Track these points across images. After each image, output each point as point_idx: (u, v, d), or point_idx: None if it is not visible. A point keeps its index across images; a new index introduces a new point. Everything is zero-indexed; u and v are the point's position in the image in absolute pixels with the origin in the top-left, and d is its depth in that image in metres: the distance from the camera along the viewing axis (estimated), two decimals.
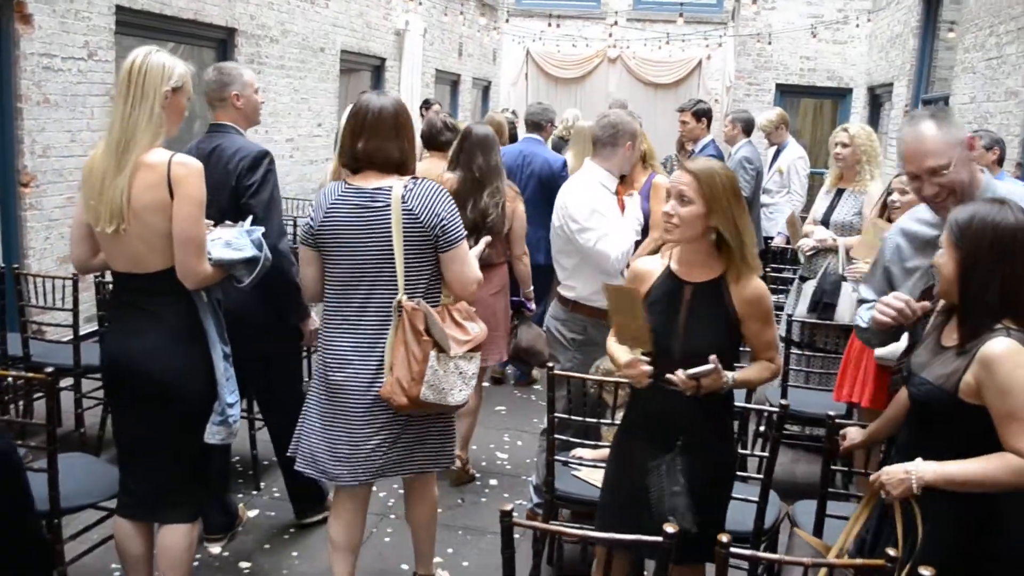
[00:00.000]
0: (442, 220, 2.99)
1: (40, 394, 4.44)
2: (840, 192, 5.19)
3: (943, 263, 2.33)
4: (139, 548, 3.05)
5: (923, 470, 2.24)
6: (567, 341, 4.09)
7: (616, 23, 15.42)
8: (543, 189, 5.74)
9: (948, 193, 2.57)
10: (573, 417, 3.46)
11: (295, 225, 6.75)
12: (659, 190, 4.39)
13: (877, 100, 11.92)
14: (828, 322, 4.93)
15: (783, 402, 3.18)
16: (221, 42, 7.68)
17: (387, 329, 3.02)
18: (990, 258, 2.23)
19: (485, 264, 3.72)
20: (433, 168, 4.75)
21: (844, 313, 4.89)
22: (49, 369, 3.02)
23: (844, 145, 5.10)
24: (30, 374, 3.20)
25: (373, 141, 3.00)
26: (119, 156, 2.72)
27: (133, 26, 6.45)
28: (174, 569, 3.01)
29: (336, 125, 9.78)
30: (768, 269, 6.86)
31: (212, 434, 2.97)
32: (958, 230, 2.28)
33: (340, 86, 9.97)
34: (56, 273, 5.63)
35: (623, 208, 4.04)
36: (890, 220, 4.17)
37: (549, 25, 15.70)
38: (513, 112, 10.27)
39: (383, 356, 3.01)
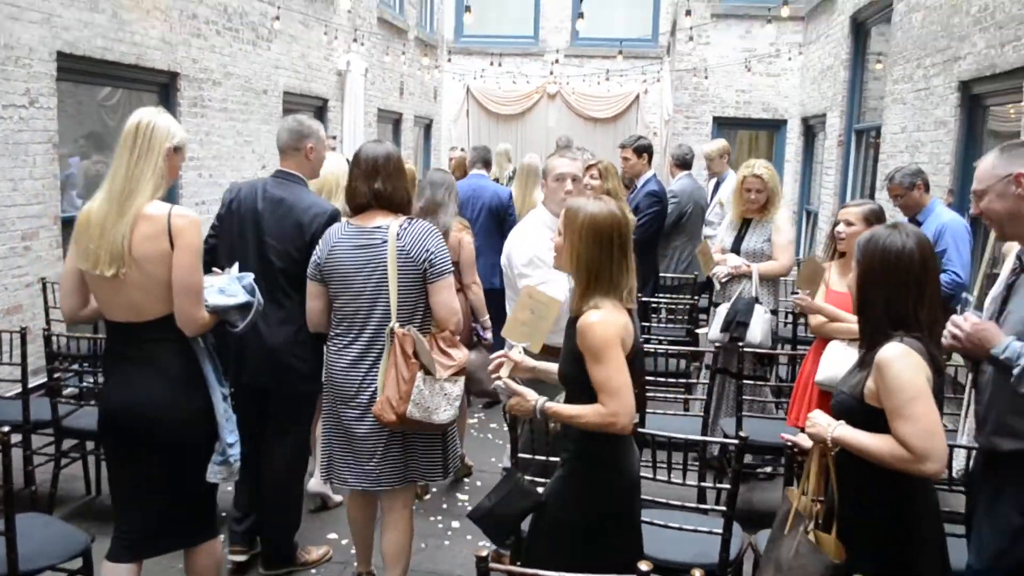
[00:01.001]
0: (431, 255, 3.42)
1: None
2: (747, 222, 5.48)
3: (849, 280, 2.61)
4: None
5: (837, 428, 2.49)
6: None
7: (557, 61, 15.64)
8: (493, 218, 6.29)
9: (986, 217, 2.76)
10: (536, 456, 3.47)
11: None
12: None
13: (811, 130, 12.26)
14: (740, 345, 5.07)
15: (742, 434, 3.23)
16: (163, 86, 7.63)
17: (381, 355, 3.41)
18: (878, 275, 2.48)
19: None
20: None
21: (756, 332, 5.16)
22: (5, 428, 2.95)
23: (759, 190, 5.35)
24: None
25: (387, 182, 3.47)
26: (121, 203, 2.90)
27: (75, 72, 6.39)
28: None
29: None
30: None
31: (214, 473, 3.11)
32: (857, 249, 2.55)
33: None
34: (1, 326, 5.53)
35: None
36: (836, 249, 4.38)
37: (491, 64, 15.87)
38: (462, 149, 10.39)
39: (379, 376, 3.40)
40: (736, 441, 3.21)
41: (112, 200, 2.91)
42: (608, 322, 2.66)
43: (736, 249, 5.51)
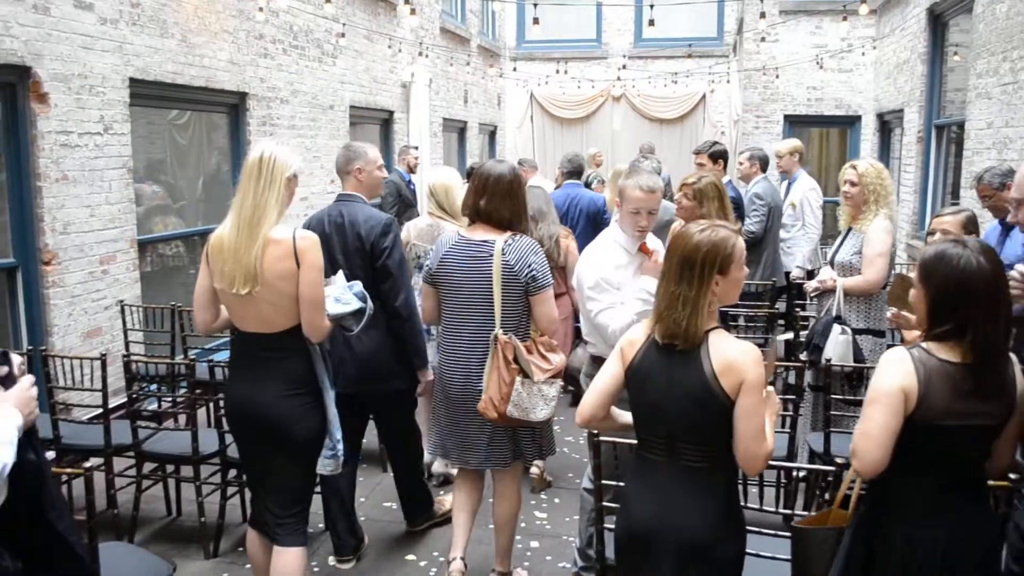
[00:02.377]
0: (533, 270, 3.73)
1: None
2: (849, 231, 5.12)
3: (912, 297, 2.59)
4: (263, 557, 3.59)
5: None
6: None
7: (624, 66, 15.46)
8: (591, 223, 6.65)
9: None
10: (619, 483, 3.36)
11: None
12: None
13: (887, 126, 11.89)
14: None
15: (838, 460, 3.06)
16: (233, 107, 7.70)
17: (487, 355, 3.75)
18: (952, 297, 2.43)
19: None
20: None
21: (829, 353, 4.80)
22: (87, 464, 2.96)
23: (852, 184, 4.99)
24: (68, 469, 3.17)
25: (491, 201, 3.78)
26: (251, 229, 3.22)
27: (147, 97, 6.48)
28: None
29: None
30: (783, 305, 6.82)
31: (323, 466, 3.52)
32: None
33: (350, 141, 9.97)
34: (79, 349, 5.61)
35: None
36: None
37: (557, 72, 15.74)
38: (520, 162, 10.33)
39: (484, 376, 3.75)
40: (831, 468, 3.04)
41: (242, 227, 3.23)
42: None
43: (832, 260, 5.22)
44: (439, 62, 13.03)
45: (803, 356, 5.22)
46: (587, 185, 8.41)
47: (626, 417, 2.92)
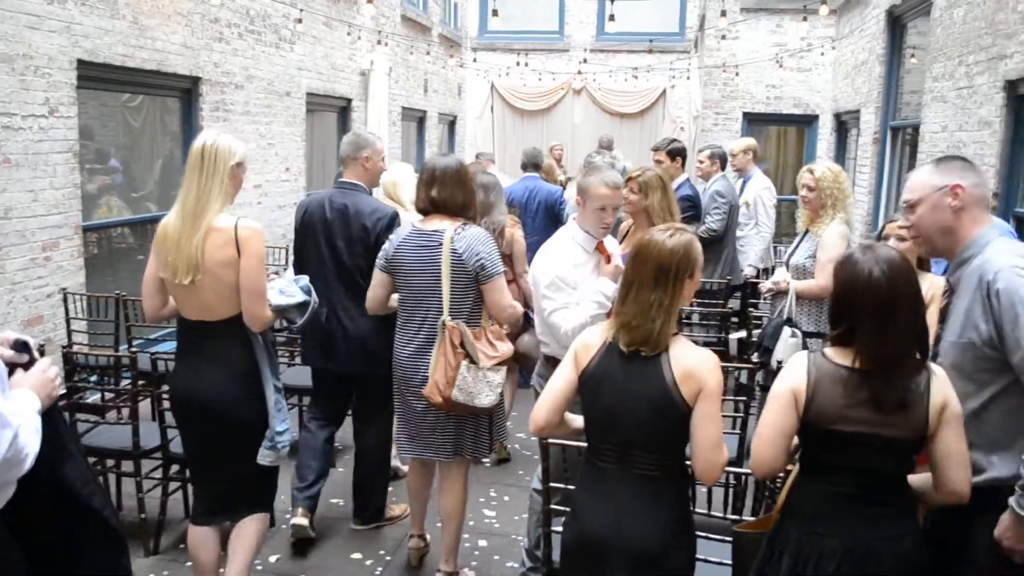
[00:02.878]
0: (481, 258, 3.78)
1: None
2: (806, 233, 5.14)
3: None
4: (209, 554, 3.59)
5: None
6: None
7: (585, 60, 15.41)
8: (549, 214, 6.98)
9: (916, 233, 2.66)
10: (568, 486, 3.32)
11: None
12: None
13: (844, 126, 11.98)
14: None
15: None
16: (186, 91, 7.53)
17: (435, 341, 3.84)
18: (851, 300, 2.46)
19: None
20: None
21: (779, 355, 4.82)
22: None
23: (809, 188, 5.02)
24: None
25: (443, 190, 3.85)
26: (195, 219, 3.27)
27: (96, 79, 6.31)
28: (244, 547, 3.57)
29: (303, 167, 9.67)
30: (736, 303, 6.84)
31: (263, 456, 3.51)
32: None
33: (306, 128, 9.83)
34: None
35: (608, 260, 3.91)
36: None
37: (517, 64, 15.65)
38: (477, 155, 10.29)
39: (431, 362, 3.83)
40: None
41: (186, 217, 3.29)
42: None
43: (788, 262, 5.25)
44: (399, 50, 12.88)
45: (754, 357, 5.26)
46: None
47: (579, 422, 2.88)
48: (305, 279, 3.70)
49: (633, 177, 4.78)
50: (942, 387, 2.36)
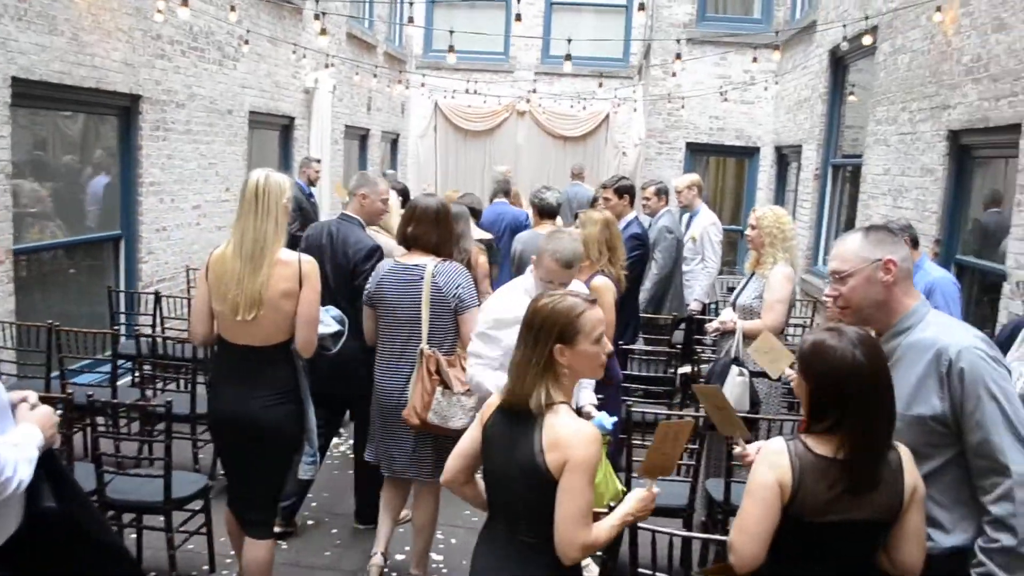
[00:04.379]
0: (460, 291, 4.10)
1: None
2: (752, 275, 5.27)
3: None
4: (238, 529, 3.89)
5: None
6: None
7: (535, 90, 15.38)
8: (513, 236, 6.97)
9: (845, 303, 2.62)
10: None
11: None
12: (597, 294, 4.42)
13: (784, 159, 12.16)
14: None
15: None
16: (124, 109, 7.28)
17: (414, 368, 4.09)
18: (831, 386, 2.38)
19: None
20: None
21: (726, 395, 4.84)
22: None
23: (752, 227, 5.19)
24: None
25: (418, 227, 4.15)
26: (254, 259, 3.48)
27: (31, 97, 6.05)
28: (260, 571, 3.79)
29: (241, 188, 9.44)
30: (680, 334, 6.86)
31: (304, 472, 4.06)
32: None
33: (247, 147, 9.62)
34: None
35: None
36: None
37: (465, 87, 15.54)
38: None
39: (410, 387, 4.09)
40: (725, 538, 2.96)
41: (244, 258, 3.48)
42: None
43: (734, 302, 5.33)
44: (344, 68, 12.72)
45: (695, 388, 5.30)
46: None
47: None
48: (335, 309, 4.05)
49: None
50: (911, 467, 2.35)
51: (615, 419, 2.89)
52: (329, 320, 3.91)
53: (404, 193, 8.84)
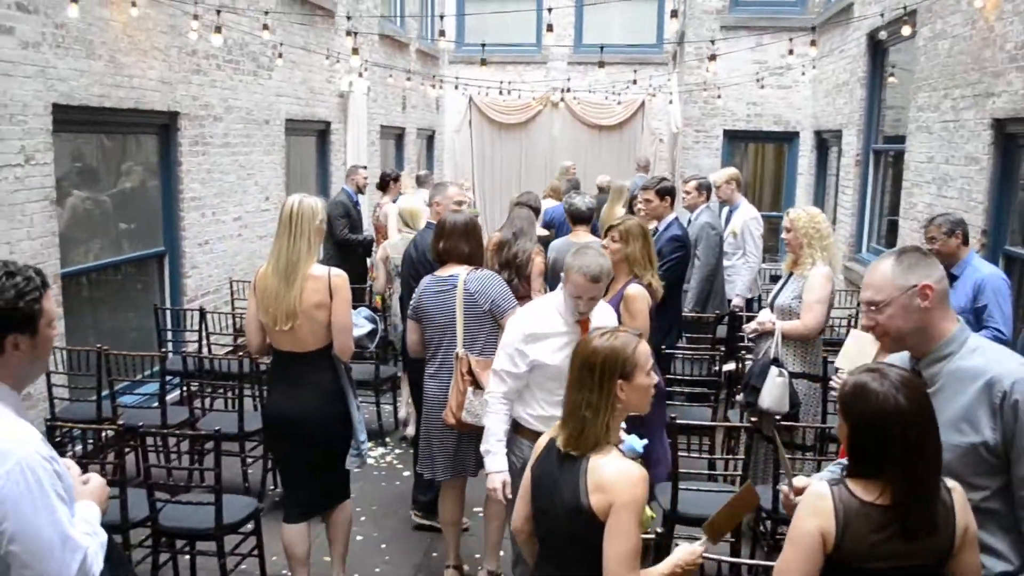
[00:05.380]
0: (492, 297, 4.37)
1: None
2: (791, 275, 5.23)
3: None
4: (302, 548, 4.23)
5: None
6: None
7: (569, 83, 15.26)
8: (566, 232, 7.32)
9: (883, 332, 2.56)
10: None
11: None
12: (632, 302, 4.56)
13: (825, 144, 11.98)
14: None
15: None
16: (163, 127, 7.37)
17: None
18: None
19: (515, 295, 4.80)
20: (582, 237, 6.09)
21: (765, 397, 4.92)
22: None
23: (787, 230, 5.16)
24: None
25: (448, 241, 4.47)
26: (288, 276, 3.93)
27: (72, 123, 6.15)
28: (342, 531, 4.36)
29: (283, 195, 9.52)
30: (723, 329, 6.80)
31: (351, 463, 4.23)
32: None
33: (284, 155, 9.69)
34: None
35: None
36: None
37: (499, 78, 15.44)
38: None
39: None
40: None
41: (280, 274, 3.94)
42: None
43: (772, 303, 5.30)
44: (378, 69, 12.75)
45: (738, 397, 5.30)
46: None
47: None
48: (366, 309, 4.56)
49: (614, 225, 4.86)
50: (963, 505, 2.28)
51: (645, 441, 2.87)
52: (362, 321, 4.39)
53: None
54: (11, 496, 2.03)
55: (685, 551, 2.62)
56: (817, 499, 2.25)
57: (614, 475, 2.47)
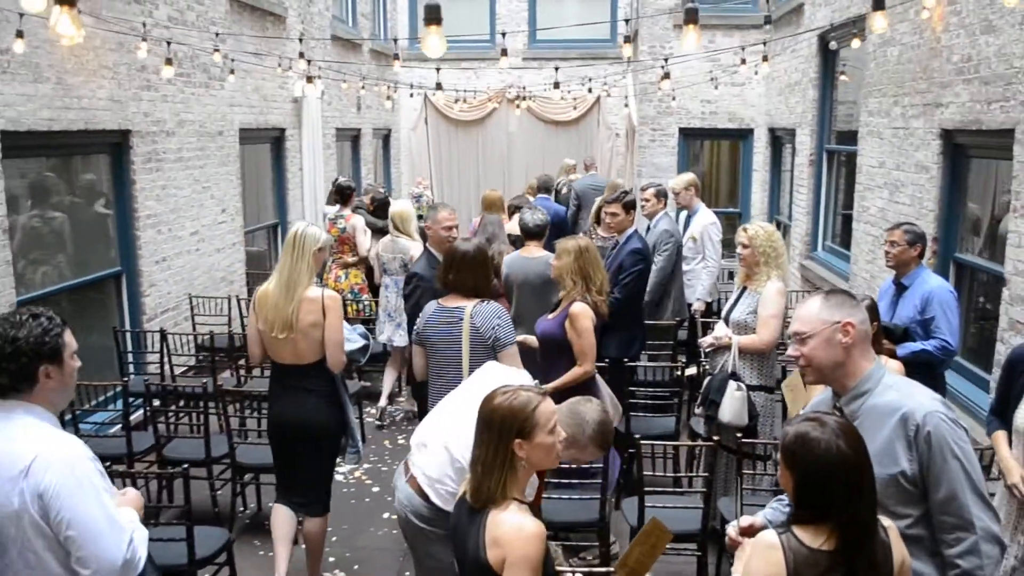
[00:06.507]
0: (496, 331, 4.42)
1: None
2: (744, 290, 5.30)
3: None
4: (287, 527, 4.71)
5: None
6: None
7: (524, 94, 15.27)
8: (555, 230, 7.65)
9: (807, 363, 2.77)
10: None
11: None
12: (577, 320, 4.94)
13: (779, 141, 12.11)
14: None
15: None
16: (115, 145, 7.25)
17: None
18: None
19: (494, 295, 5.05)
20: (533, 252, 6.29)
21: (725, 411, 5.04)
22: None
23: (744, 246, 5.21)
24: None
25: (458, 274, 4.55)
26: (288, 291, 4.42)
27: (21, 148, 6.01)
28: (316, 547, 4.75)
29: (239, 206, 9.44)
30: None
31: (349, 459, 4.88)
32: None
33: (239, 165, 9.58)
34: None
35: None
36: None
37: (449, 70, 15.40)
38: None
39: None
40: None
41: (281, 288, 4.44)
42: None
43: (727, 318, 5.37)
44: (331, 72, 12.64)
45: (697, 410, 5.40)
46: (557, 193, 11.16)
47: None
48: (361, 326, 5.10)
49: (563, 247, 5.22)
50: (898, 541, 2.41)
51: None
52: (356, 337, 4.87)
53: (384, 204, 9.03)
54: (64, 489, 2.44)
55: None
56: (768, 549, 2.34)
57: (509, 531, 2.53)
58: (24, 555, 2.47)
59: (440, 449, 3.43)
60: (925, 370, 4.85)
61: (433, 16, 4.49)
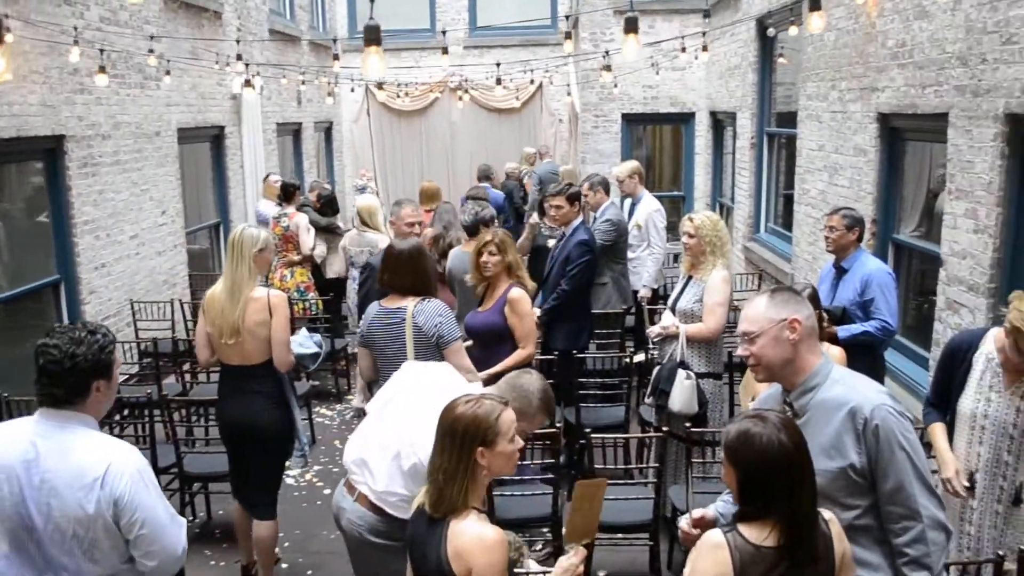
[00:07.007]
0: (439, 328, 4.34)
1: None
2: (689, 279, 5.34)
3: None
4: (248, 523, 4.82)
5: None
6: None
7: (467, 86, 15.20)
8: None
9: (756, 362, 2.80)
10: None
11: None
12: (518, 304, 5.11)
13: (720, 124, 12.22)
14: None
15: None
16: (49, 151, 7.07)
17: None
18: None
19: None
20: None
21: (675, 400, 5.11)
22: None
23: (689, 235, 5.24)
24: None
25: (394, 274, 4.46)
26: (232, 295, 4.44)
27: None
28: (266, 552, 4.78)
29: (180, 207, 9.28)
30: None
31: (295, 463, 4.92)
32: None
33: (179, 166, 9.41)
34: None
35: None
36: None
37: (389, 59, 15.27)
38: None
39: None
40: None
41: (226, 292, 4.46)
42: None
43: (673, 307, 5.41)
44: (270, 67, 12.46)
45: (647, 400, 5.44)
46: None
47: None
48: (318, 335, 5.26)
49: (489, 240, 5.19)
50: (839, 533, 2.46)
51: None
52: (310, 344, 5.03)
53: (330, 200, 8.95)
54: (137, 496, 2.64)
55: (560, 567, 2.75)
56: (714, 549, 2.37)
57: (470, 541, 2.53)
58: (90, 552, 2.65)
59: (385, 460, 3.34)
60: (866, 351, 4.97)
61: (373, 37, 4.25)
